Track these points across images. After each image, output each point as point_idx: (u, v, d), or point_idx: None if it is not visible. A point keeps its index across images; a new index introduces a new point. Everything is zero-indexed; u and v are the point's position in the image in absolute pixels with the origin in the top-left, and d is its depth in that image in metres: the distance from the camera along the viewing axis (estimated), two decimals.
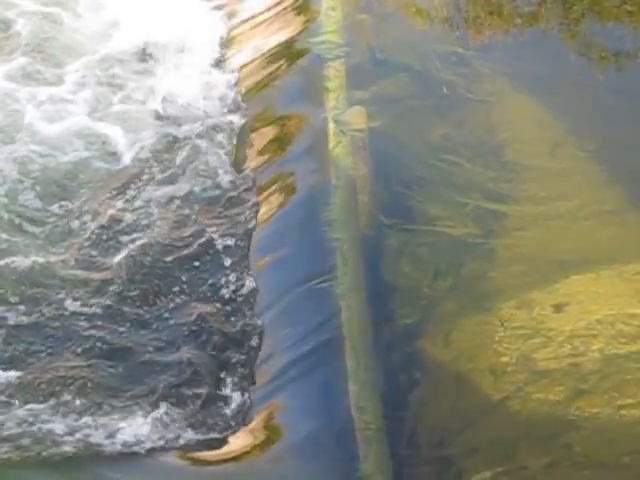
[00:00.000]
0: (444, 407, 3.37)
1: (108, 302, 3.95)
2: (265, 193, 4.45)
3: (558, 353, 3.42)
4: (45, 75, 5.44)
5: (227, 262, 4.14)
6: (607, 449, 3.17)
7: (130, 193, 4.59)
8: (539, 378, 3.36)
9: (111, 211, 4.44)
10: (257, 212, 4.37)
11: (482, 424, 3.28)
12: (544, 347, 3.44)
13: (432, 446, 3.23)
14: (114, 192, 4.60)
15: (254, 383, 3.61)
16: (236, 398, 3.57)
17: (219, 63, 5.66)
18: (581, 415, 3.23)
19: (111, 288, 4.02)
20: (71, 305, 3.94)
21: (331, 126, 4.52)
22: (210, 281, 4.07)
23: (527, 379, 3.36)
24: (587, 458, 3.15)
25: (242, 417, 3.50)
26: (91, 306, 3.94)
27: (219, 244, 4.22)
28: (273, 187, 4.45)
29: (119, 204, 4.50)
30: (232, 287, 4.03)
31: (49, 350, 3.76)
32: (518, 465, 3.15)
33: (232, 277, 4.08)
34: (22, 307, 3.92)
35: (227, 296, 4.00)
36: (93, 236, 4.31)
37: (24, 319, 3.86)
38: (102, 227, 4.35)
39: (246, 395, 3.57)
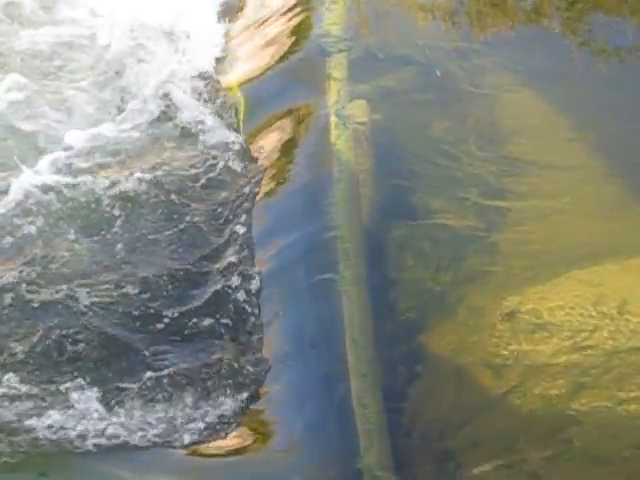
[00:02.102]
0: (445, 401, 3.37)
1: None
2: (269, 185, 4.45)
3: (559, 347, 3.42)
4: None
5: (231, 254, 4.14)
6: (607, 443, 3.17)
7: None
8: (540, 372, 3.36)
9: None
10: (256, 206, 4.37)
11: (483, 418, 3.29)
12: (545, 341, 3.44)
13: (433, 439, 3.24)
14: None
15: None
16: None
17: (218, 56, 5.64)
18: (581, 409, 3.24)
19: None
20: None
21: (333, 119, 4.52)
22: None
23: (528, 373, 3.37)
24: (587, 452, 3.15)
25: None
26: None
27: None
28: (275, 180, 4.46)
29: None
30: (236, 275, 4.00)
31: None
32: (518, 459, 3.16)
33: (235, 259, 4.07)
34: None
35: (234, 293, 3.98)
36: None
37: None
38: None
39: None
